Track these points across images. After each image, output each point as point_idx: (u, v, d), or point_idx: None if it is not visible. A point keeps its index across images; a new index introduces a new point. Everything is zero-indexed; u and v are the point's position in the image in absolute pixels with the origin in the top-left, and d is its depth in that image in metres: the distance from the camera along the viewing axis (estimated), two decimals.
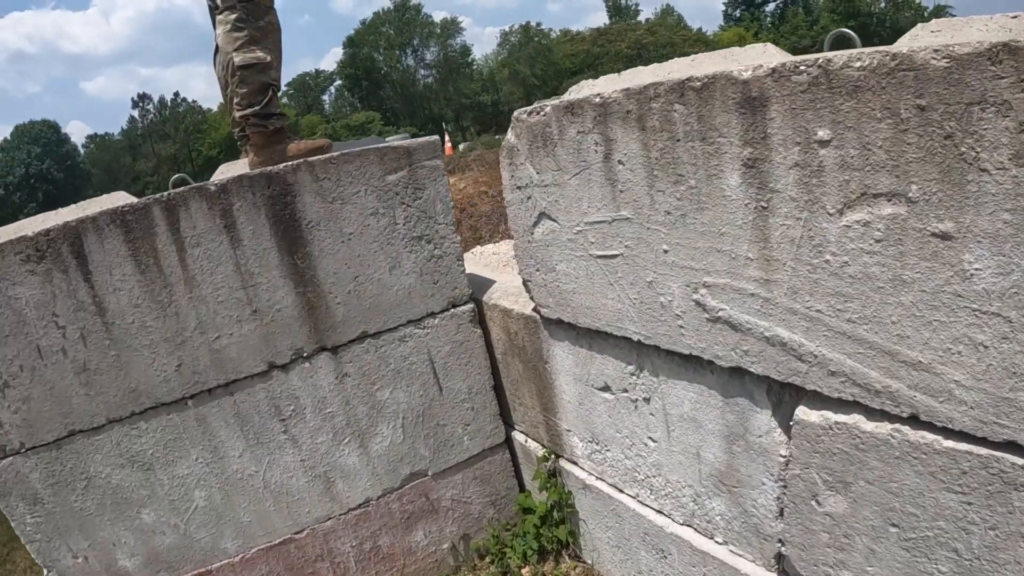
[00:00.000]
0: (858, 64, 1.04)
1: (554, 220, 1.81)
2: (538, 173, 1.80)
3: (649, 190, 1.48)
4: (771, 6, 49.99)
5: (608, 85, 1.60)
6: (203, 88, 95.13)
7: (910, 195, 1.04)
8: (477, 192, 5.96)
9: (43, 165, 40.48)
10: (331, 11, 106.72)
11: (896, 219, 1.07)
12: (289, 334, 2.15)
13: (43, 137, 41.74)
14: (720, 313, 1.43)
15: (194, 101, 49.74)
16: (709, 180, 1.34)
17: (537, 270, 1.99)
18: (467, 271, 2.46)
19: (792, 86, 1.14)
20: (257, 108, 2.17)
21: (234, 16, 2.10)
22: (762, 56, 1.44)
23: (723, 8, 52.88)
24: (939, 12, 39.67)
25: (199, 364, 2.08)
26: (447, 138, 16.55)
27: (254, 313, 2.10)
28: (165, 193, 2.00)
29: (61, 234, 1.85)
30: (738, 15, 51.00)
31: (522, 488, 2.65)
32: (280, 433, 2.21)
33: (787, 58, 1.24)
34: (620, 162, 1.53)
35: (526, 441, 2.50)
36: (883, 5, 41.62)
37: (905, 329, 1.12)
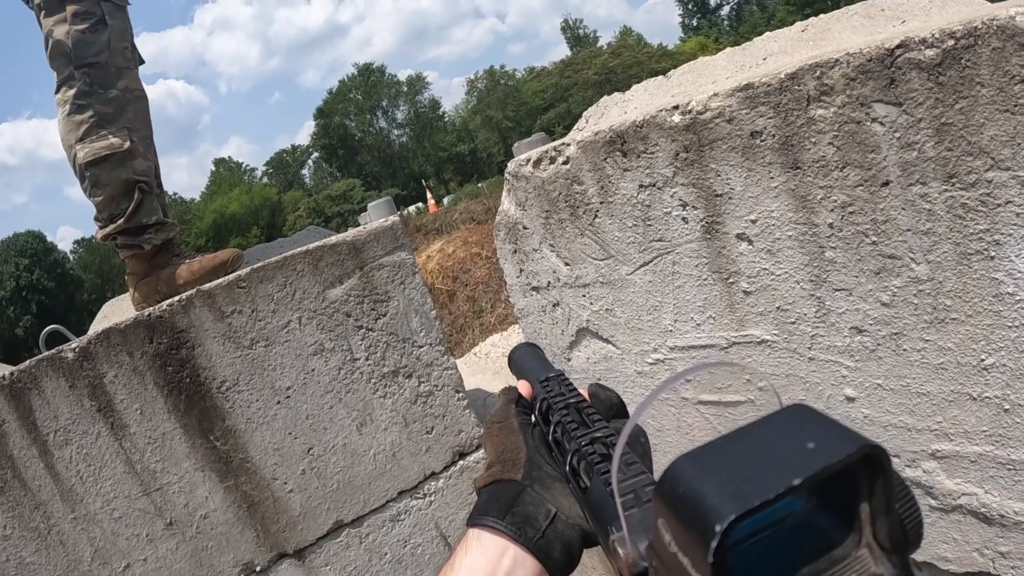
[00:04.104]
0: None
1: (607, 341, 1.11)
2: (567, 265, 1.12)
3: (815, 286, 0.80)
4: (726, 9, 50.36)
5: (663, 93, 0.93)
6: (184, 179, 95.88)
7: None
8: (469, 255, 5.25)
9: (33, 276, 39.95)
10: (299, 86, 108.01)
11: None
12: (229, 545, 1.45)
13: (30, 248, 41.29)
14: None
15: (175, 193, 49.47)
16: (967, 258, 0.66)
17: None
18: (471, 390, 1.78)
19: None
20: (122, 222, 1.49)
21: (73, 91, 1.44)
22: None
23: (679, 20, 53.39)
24: None
25: None
26: (429, 196, 15.97)
27: (169, 526, 1.41)
28: (6, 372, 1.33)
29: None
30: (695, 24, 51.34)
31: None
32: None
33: None
34: (742, 236, 0.85)
35: None
36: None
37: None
